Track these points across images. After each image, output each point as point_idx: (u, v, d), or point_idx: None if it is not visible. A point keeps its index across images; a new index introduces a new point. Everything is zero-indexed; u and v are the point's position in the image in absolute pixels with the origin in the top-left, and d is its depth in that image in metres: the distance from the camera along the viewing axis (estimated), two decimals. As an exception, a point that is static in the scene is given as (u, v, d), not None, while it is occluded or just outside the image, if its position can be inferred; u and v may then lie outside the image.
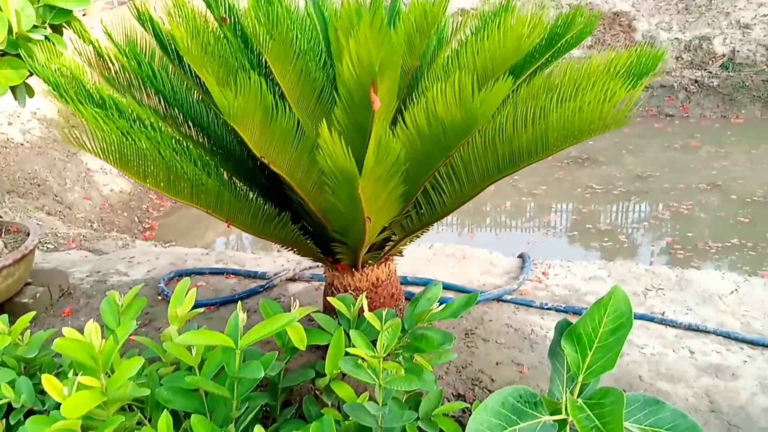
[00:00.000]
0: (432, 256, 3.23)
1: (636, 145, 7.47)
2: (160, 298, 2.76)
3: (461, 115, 1.42)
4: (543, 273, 3.01)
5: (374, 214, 1.63)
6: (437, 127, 1.50)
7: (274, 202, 1.89)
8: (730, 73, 7.89)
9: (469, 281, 2.90)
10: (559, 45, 2.11)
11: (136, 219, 5.92)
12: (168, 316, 1.58)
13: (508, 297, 2.72)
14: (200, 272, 3.02)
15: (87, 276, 3.12)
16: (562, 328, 1.36)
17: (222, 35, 1.91)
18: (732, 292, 2.65)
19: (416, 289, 2.76)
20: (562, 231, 6.13)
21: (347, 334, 1.57)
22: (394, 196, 1.64)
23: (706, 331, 2.40)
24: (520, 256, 3.23)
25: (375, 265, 2.11)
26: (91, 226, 5.60)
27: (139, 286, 1.70)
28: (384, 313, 1.52)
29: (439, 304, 1.68)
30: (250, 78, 1.41)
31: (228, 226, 1.80)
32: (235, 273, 2.99)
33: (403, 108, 1.81)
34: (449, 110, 1.43)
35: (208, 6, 1.97)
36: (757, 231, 5.34)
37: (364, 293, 1.72)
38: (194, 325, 1.75)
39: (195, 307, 1.60)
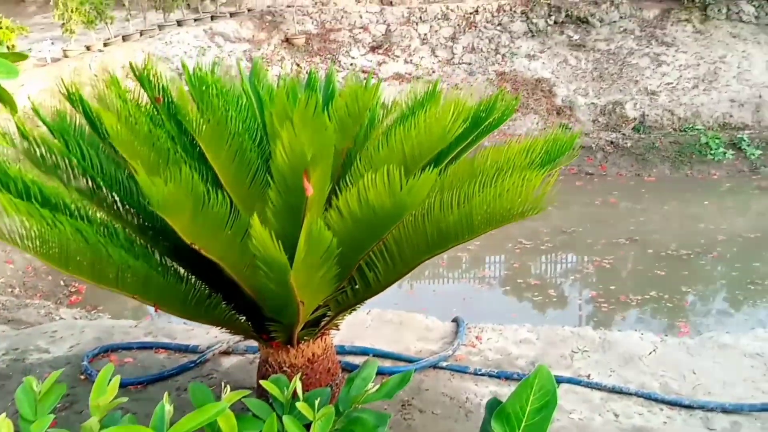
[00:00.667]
0: (370, 322, 3.24)
1: (561, 201, 7.81)
2: (83, 377, 2.64)
3: (391, 203, 1.48)
4: (476, 337, 3.07)
5: (308, 297, 1.64)
6: (369, 213, 1.55)
7: (207, 281, 1.88)
8: (642, 135, 8.47)
9: (407, 348, 2.92)
10: (483, 127, 2.24)
11: (62, 282, 5.65)
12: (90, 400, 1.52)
13: (444, 364, 2.75)
14: (128, 347, 2.91)
15: (3, 354, 2.94)
16: (492, 407, 1.40)
17: (155, 115, 1.92)
18: (650, 353, 2.79)
19: (354, 359, 2.76)
20: (496, 285, 6.30)
21: (281, 419, 1.56)
22: (328, 277, 1.66)
23: (629, 393, 2.50)
24: (455, 321, 3.29)
25: (311, 341, 2.11)
26: (12, 291, 5.30)
27: (59, 371, 1.63)
28: (317, 401, 1.52)
29: (377, 374, 1.69)
30: (181, 166, 1.42)
31: (155, 311, 1.77)
32: (166, 347, 2.90)
33: (337, 188, 1.86)
34: (380, 198, 1.48)
35: (142, 86, 1.98)
36: (672, 283, 5.65)
37: (299, 375, 1.71)
38: (118, 411, 1.68)
39: (122, 386, 1.54)
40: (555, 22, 10.09)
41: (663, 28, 9.66)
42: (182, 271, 1.86)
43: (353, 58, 9.93)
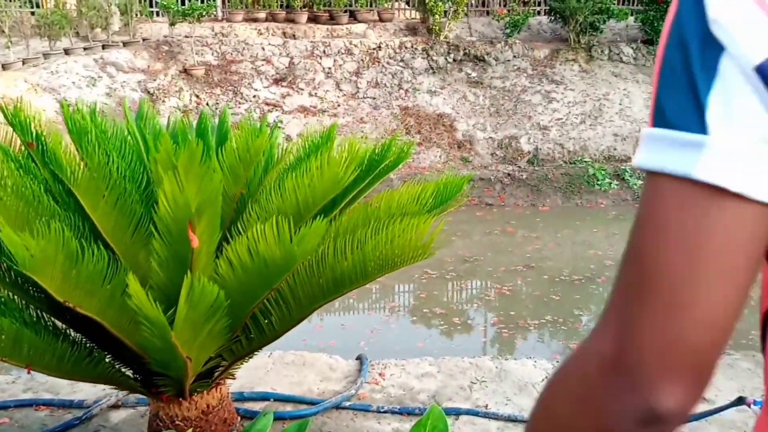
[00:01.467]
0: (271, 365, 3.18)
1: (463, 231, 8.06)
2: (-50, 444, 2.41)
3: (281, 253, 1.48)
4: (380, 374, 3.08)
5: (195, 353, 1.60)
6: (260, 264, 1.54)
7: (88, 335, 1.78)
8: (535, 168, 8.93)
9: (309, 390, 2.89)
10: (378, 170, 2.28)
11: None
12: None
13: (347, 403, 2.74)
14: (4, 406, 2.69)
15: None
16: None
17: (28, 162, 1.82)
18: (543, 379, 2.91)
19: (254, 405, 2.69)
20: (404, 315, 6.37)
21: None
22: (217, 330, 1.63)
23: (523, 421, 2.59)
24: (359, 358, 3.29)
25: (204, 392, 2.04)
26: None
27: None
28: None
29: (278, 420, 1.67)
30: (51, 221, 1.35)
31: (28, 372, 1.65)
32: (47, 404, 2.70)
33: (229, 235, 1.83)
34: (270, 248, 1.48)
35: (14, 130, 1.88)
36: (566, 307, 5.94)
37: (192, 428, 1.65)
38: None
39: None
40: (454, 60, 10.52)
41: (552, 67, 10.30)
42: (60, 325, 1.76)
43: (256, 90, 9.86)
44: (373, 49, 10.55)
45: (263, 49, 10.40)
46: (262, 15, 11.44)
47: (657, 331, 0.44)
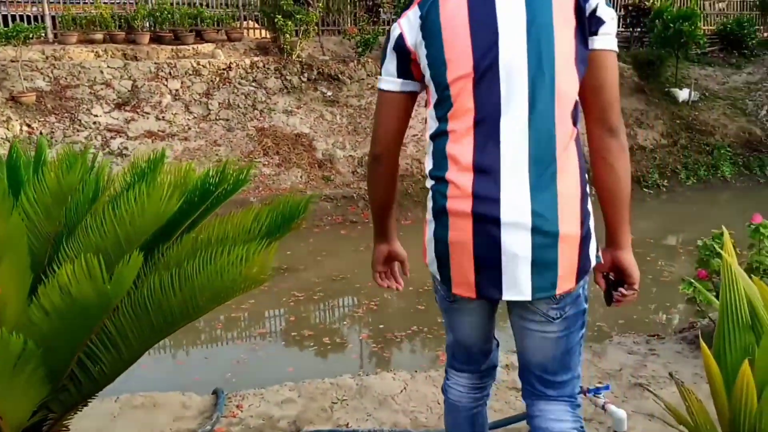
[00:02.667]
0: (118, 411, 2.96)
1: (329, 251, 8.08)
2: None
3: (95, 294, 1.39)
4: (237, 406, 2.98)
5: (10, 407, 1.45)
6: (74, 306, 1.43)
7: None
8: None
9: (160, 432, 2.73)
10: (214, 196, 2.22)
11: None
12: None
13: (202, 441, 2.62)
14: None
15: None
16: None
17: None
18: (401, 391, 2.97)
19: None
20: (273, 341, 6.23)
21: None
22: (34, 381, 1.49)
23: (385, 435, 2.63)
24: (214, 392, 3.17)
25: (30, 451, 1.85)
26: None
27: None
28: None
29: None
30: None
31: None
32: None
33: (45, 278, 1.68)
34: (83, 290, 1.38)
35: None
36: (430, 316, 6.12)
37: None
38: None
39: None
40: (308, 79, 10.58)
41: (403, 84, 10.68)
42: None
43: (96, 116, 9.27)
44: (223, 69, 10.34)
45: (102, 72, 9.81)
46: (99, 36, 10.78)
47: (373, 134, 1.71)
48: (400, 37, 1.56)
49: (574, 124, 1.54)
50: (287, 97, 10.32)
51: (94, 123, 9.18)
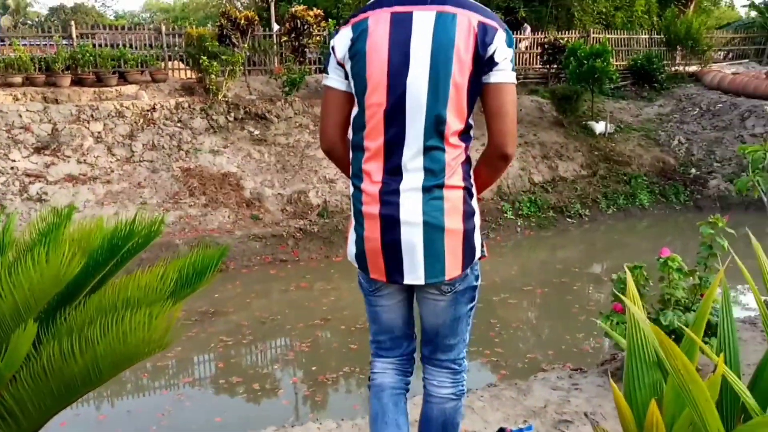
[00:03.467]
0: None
1: (258, 292, 7.91)
2: None
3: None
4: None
5: None
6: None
7: None
8: (326, 220, 9.16)
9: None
10: (123, 252, 2.13)
11: None
12: None
13: None
14: None
15: None
16: None
17: None
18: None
19: None
20: (200, 390, 5.99)
21: None
22: None
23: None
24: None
25: None
26: None
27: None
28: None
29: None
30: None
31: None
32: None
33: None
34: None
35: None
36: (363, 356, 6.06)
37: None
38: None
39: None
40: (235, 119, 10.49)
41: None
42: None
43: (14, 161, 8.85)
44: (148, 110, 10.12)
45: (20, 116, 9.41)
46: (17, 79, 10.39)
47: (320, 128, 2.05)
48: (333, 50, 1.94)
49: (465, 142, 1.90)
50: (213, 136, 10.17)
51: (12, 168, 8.76)
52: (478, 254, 1.96)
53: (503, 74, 1.81)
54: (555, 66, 14.33)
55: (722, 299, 1.82)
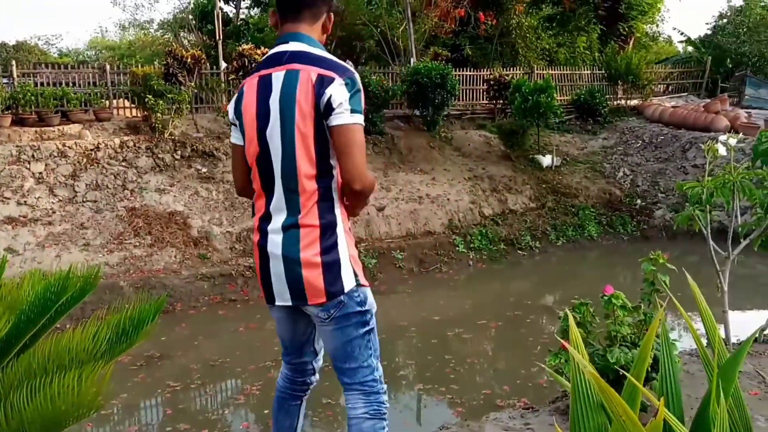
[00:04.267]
0: None
1: (207, 334, 7.68)
2: None
3: None
4: None
5: None
6: None
7: None
8: (276, 258, 9.01)
9: None
10: (57, 306, 2.01)
11: None
12: None
13: None
14: None
15: None
16: None
17: None
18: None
19: None
20: (146, 438, 5.72)
21: None
22: None
23: None
24: None
25: None
26: None
27: None
28: None
29: None
30: None
31: None
32: None
33: None
34: None
35: None
36: (316, 396, 5.90)
37: None
38: None
39: None
40: (182, 157, 10.31)
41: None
42: None
43: (-53, 204, 8.45)
44: (91, 149, 9.86)
45: (-46, 157, 9.04)
46: (-47, 120, 10.01)
47: (232, 174, 2.42)
48: (228, 111, 2.34)
49: (321, 184, 2.14)
50: (160, 175, 9.96)
51: (-56, 212, 8.35)
52: (349, 284, 2.18)
53: (341, 117, 2.05)
54: (501, 101, 14.69)
55: (662, 340, 1.83)
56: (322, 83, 2.05)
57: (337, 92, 2.04)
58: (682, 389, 1.85)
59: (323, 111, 2.06)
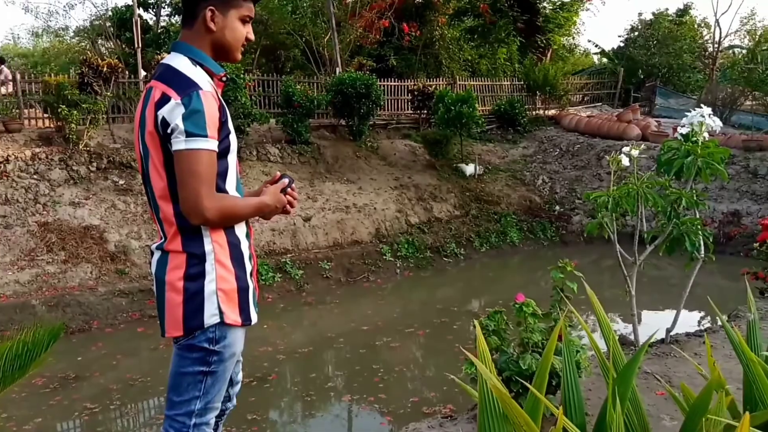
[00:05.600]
0: None
1: (125, 352, 7.39)
2: None
3: None
4: None
5: None
6: None
7: None
8: (199, 271, 8.78)
9: None
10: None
11: None
12: None
13: None
14: None
15: None
16: None
17: None
18: None
19: None
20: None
21: None
22: None
23: None
24: None
25: None
26: None
27: None
28: None
29: None
30: None
31: None
32: None
33: None
34: None
35: None
36: (240, 414, 5.79)
37: None
38: None
39: None
40: (98, 168, 9.90)
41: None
42: None
43: None
44: (0, 162, 9.31)
45: None
46: None
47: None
48: None
49: (178, 208, 1.97)
50: (74, 188, 9.52)
51: None
52: (210, 320, 1.99)
53: (177, 142, 1.87)
54: (425, 111, 14.95)
55: (564, 348, 1.90)
56: (162, 103, 1.88)
57: (171, 114, 1.86)
58: (595, 393, 1.93)
59: (162, 135, 1.90)
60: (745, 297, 2.66)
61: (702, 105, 4.20)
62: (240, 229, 2.08)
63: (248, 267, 2.10)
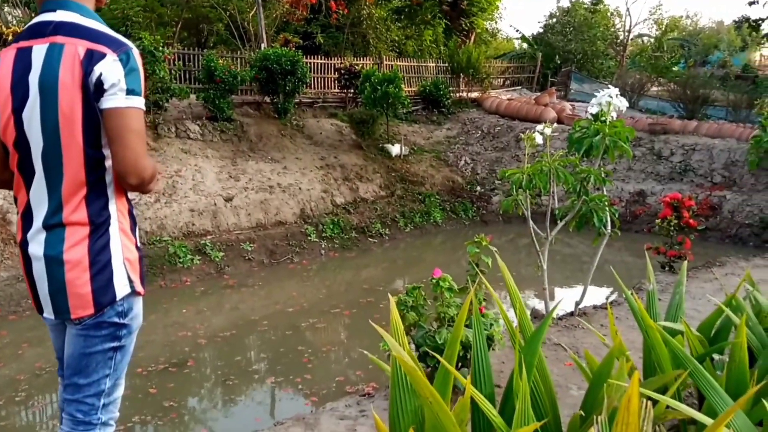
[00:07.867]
0: None
1: (32, 340, 7.03)
2: None
3: None
4: None
5: None
6: None
7: None
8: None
9: None
10: None
11: None
12: None
13: None
14: None
15: None
16: None
17: None
18: None
19: None
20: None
21: None
22: None
23: None
24: None
25: None
26: None
27: None
28: None
29: None
30: None
31: None
32: None
33: None
34: None
35: None
36: (159, 401, 5.62)
37: None
38: None
39: None
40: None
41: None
42: None
43: None
44: None
45: None
46: None
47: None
48: None
49: (91, 176, 1.89)
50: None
51: None
52: (122, 291, 1.95)
53: (114, 99, 1.82)
54: (352, 91, 14.85)
55: (474, 320, 1.92)
56: (91, 59, 1.79)
57: (109, 70, 1.80)
58: (509, 366, 1.96)
59: (93, 92, 1.81)
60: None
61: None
62: (128, 196, 2.06)
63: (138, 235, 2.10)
